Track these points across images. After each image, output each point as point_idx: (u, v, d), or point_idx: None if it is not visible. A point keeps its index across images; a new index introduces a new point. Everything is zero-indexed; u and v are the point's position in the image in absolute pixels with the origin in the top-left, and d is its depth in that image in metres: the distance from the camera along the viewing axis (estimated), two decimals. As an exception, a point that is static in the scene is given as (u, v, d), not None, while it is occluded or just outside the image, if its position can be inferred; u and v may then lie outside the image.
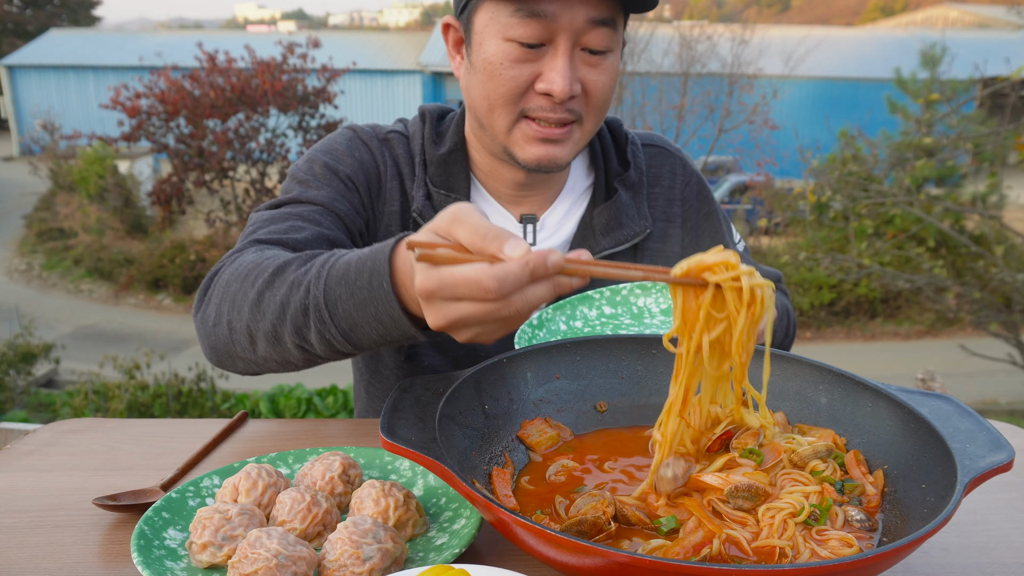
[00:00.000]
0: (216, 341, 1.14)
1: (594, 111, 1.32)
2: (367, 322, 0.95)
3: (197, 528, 0.90)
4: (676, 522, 0.87)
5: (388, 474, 1.11)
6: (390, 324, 0.94)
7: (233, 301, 1.09)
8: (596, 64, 1.27)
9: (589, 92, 1.29)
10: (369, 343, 0.99)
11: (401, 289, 0.92)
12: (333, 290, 0.97)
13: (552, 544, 0.73)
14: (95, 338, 11.52)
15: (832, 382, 1.07)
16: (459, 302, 0.80)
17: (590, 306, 1.37)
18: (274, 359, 1.09)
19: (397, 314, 0.92)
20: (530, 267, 0.77)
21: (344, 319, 0.97)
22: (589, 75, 1.27)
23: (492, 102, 1.28)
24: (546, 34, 1.22)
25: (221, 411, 7.14)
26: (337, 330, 0.98)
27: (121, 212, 15.45)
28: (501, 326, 0.84)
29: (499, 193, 1.45)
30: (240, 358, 1.13)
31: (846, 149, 9.69)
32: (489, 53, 1.25)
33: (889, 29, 31.93)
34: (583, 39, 1.24)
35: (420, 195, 1.41)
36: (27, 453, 1.22)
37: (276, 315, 1.03)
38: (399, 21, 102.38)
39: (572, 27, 1.22)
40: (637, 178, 1.51)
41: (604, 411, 1.14)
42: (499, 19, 1.23)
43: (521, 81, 1.25)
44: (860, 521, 0.89)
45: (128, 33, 29.41)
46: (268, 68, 13.28)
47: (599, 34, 1.24)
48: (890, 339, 12.66)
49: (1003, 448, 0.86)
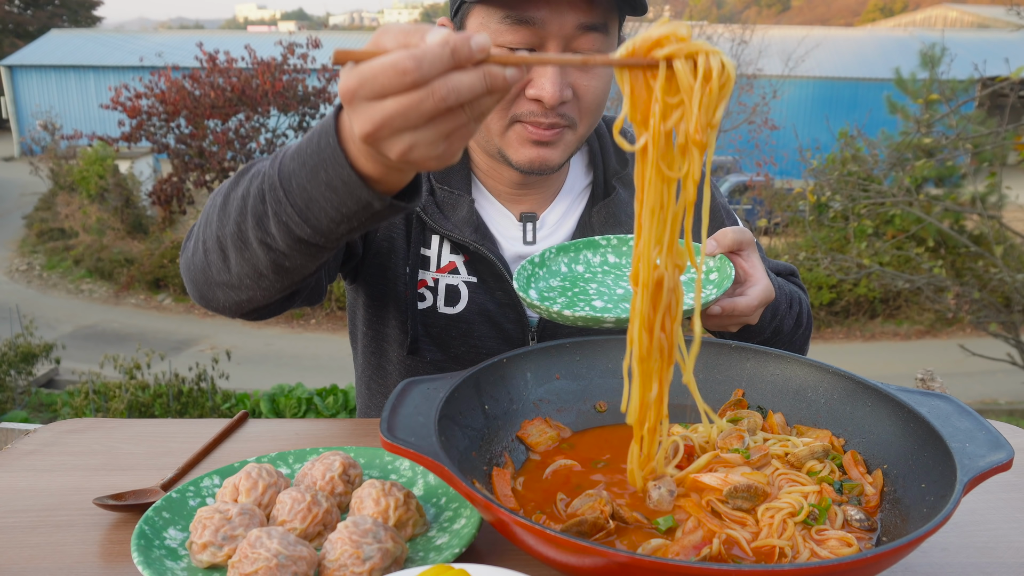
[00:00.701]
0: (195, 271, 1.11)
1: (587, 115, 1.31)
2: (320, 193, 0.89)
3: (197, 528, 0.90)
4: (673, 521, 0.88)
5: (388, 474, 1.11)
6: (343, 190, 0.87)
7: (206, 220, 1.08)
8: (587, 69, 1.27)
9: (580, 97, 1.28)
10: (327, 221, 0.91)
11: (347, 144, 0.85)
12: (286, 166, 0.93)
13: (552, 544, 0.73)
14: (95, 338, 11.51)
15: (831, 382, 1.07)
16: (382, 100, 0.73)
17: (595, 251, 1.35)
18: (247, 274, 1.04)
19: (347, 173, 0.85)
20: (451, 46, 0.71)
21: (299, 194, 0.91)
22: (580, 80, 1.27)
23: None
24: (536, 40, 1.22)
25: (221, 411, 7.13)
26: (293, 208, 0.92)
27: (121, 212, 15.45)
28: (434, 131, 0.75)
29: (498, 192, 1.46)
30: (217, 284, 1.09)
31: (846, 149, 9.68)
32: None
33: (889, 29, 31.93)
34: (573, 44, 1.23)
35: (424, 190, 1.41)
36: (27, 453, 1.22)
37: (239, 211, 0.99)
38: (399, 21, 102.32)
39: (562, 33, 1.21)
40: None
41: (604, 411, 1.14)
42: (489, 25, 1.23)
43: None
44: (859, 521, 0.89)
45: (128, 33, 29.41)
46: (268, 68, 13.29)
47: (590, 39, 1.23)
48: (890, 339, 12.65)
49: (1002, 447, 0.86)
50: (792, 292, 1.45)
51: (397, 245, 1.44)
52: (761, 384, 1.12)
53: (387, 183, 0.87)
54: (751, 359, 1.14)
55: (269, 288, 1.06)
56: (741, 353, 1.14)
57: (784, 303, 1.39)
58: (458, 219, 1.41)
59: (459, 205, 1.41)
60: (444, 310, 1.43)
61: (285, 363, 10.44)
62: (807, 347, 1.54)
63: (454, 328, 1.43)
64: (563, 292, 1.27)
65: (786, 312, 1.40)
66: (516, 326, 1.44)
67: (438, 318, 1.44)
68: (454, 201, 1.41)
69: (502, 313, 1.43)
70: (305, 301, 1.23)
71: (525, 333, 1.44)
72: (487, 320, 1.43)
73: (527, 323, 1.44)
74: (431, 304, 1.44)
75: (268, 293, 1.07)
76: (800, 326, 1.47)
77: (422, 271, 1.43)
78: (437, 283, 1.43)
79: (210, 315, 12.74)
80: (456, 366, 1.42)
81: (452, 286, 1.43)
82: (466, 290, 1.43)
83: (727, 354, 1.15)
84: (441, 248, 1.43)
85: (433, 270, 1.43)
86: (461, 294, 1.43)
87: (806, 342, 1.52)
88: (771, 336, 1.39)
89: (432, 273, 1.43)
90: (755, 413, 1.08)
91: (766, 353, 1.13)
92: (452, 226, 1.40)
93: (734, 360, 1.15)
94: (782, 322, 1.39)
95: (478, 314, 1.43)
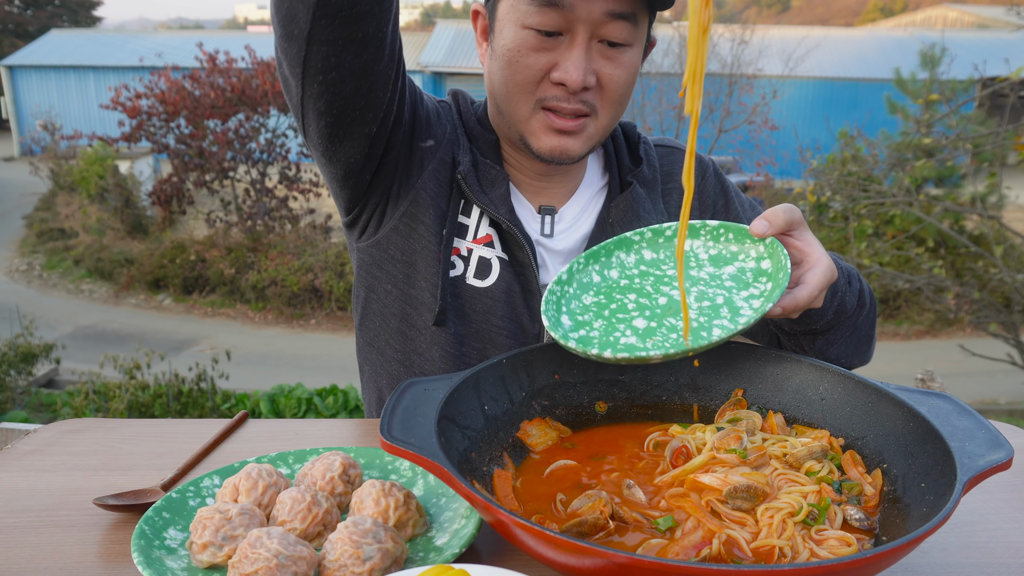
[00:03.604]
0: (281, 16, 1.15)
1: (609, 105, 1.32)
2: None
3: (197, 528, 0.90)
4: (673, 521, 0.88)
5: (388, 474, 1.11)
6: None
7: None
8: (613, 57, 1.28)
9: (604, 85, 1.29)
10: None
11: None
12: None
13: (551, 545, 0.73)
14: (95, 338, 11.52)
15: (831, 381, 1.07)
16: None
17: (628, 250, 1.20)
18: None
19: None
20: None
21: None
22: (605, 68, 1.28)
23: (510, 89, 1.30)
24: (563, 23, 1.23)
25: (221, 411, 7.14)
26: None
27: (121, 212, 15.45)
28: None
29: (519, 181, 1.46)
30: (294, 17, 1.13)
31: (846, 149, 9.68)
32: (508, 40, 1.27)
33: (889, 29, 31.93)
34: (601, 31, 1.24)
35: (467, 160, 1.41)
36: (27, 453, 1.22)
37: None
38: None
39: (590, 18, 1.22)
40: (651, 175, 1.50)
41: (604, 411, 1.14)
42: (519, 7, 1.25)
43: (537, 69, 1.27)
44: (859, 520, 0.89)
45: (128, 33, 29.41)
46: (268, 68, 13.29)
47: (617, 27, 1.24)
48: (890, 339, 12.65)
49: (1002, 447, 0.86)
50: (849, 268, 1.36)
51: (436, 202, 1.40)
52: (761, 383, 1.12)
53: None
54: (751, 359, 1.14)
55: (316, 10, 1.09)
56: (741, 353, 1.14)
57: (843, 280, 1.29)
58: (496, 195, 1.41)
59: (497, 181, 1.41)
60: (472, 282, 1.41)
61: (285, 363, 10.45)
62: (874, 333, 1.43)
63: (479, 302, 1.41)
64: (599, 312, 1.11)
65: (846, 289, 1.30)
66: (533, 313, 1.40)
67: (465, 288, 1.41)
68: (493, 177, 1.41)
69: (524, 298, 1.40)
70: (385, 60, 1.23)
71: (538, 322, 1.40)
72: (509, 301, 1.40)
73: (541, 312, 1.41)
74: (461, 273, 1.41)
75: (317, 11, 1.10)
76: (864, 306, 1.36)
77: (457, 239, 1.41)
78: (471, 253, 1.41)
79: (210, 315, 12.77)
80: (475, 342, 1.40)
81: (485, 259, 1.41)
82: (498, 265, 1.41)
83: (727, 354, 1.15)
84: (480, 220, 1.42)
85: (469, 239, 1.41)
86: (492, 268, 1.41)
87: (872, 326, 1.41)
88: (834, 317, 1.29)
89: (468, 242, 1.41)
90: (754, 413, 1.08)
91: (766, 353, 1.13)
92: (489, 200, 1.40)
93: (734, 360, 1.15)
94: (844, 300, 1.29)
95: (505, 292, 1.40)
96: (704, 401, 1.15)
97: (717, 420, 1.10)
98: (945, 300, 8.44)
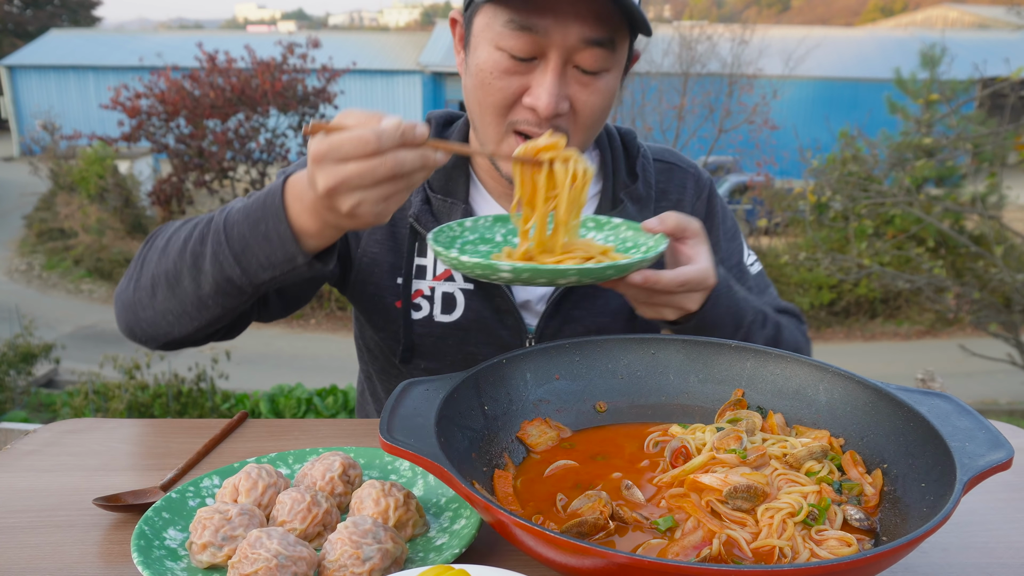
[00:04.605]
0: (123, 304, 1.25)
1: (581, 130, 1.29)
2: (257, 241, 1.07)
3: (197, 528, 0.90)
4: (673, 522, 0.88)
5: (388, 474, 1.11)
6: (276, 242, 1.06)
7: (142, 260, 1.24)
8: (588, 84, 1.25)
9: (577, 111, 1.26)
10: (257, 266, 1.08)
11: (290, 204, 1.04)
12: (232, 216, 1.10)
13: (551, 545, 0.73)
14: (95, 338, 11.51)
15: (831, 381, 1.07)
16: (345, 163, 0.93)
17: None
18: (170, 310, 1.18)
19: (284, 228, 1.04)
20: (402, 129, 0.93)
21: (238, 240, 1.08)
22: (579, 94, 1.25)
23: (483, 109, 1.28)
24: (537, 49, 1.20)
25: (221, 411, 7.14)
26: (230, 251, 1.09)
27: (121, 212, 15.45)
28: (380, 192, 0.95)
29: (499, 193, 1.45)
30: (142, 318, 1.23)
31: (846, 149, 9.69)
32: (481, 60, 1.25)
33: (889, 29, 31.93)
34: (576, 57, 1.22)
35: (418, 200, 1.41)
36: (27, 453, 1.22)
37: (178, 251, 1.15)
38: (399, 21, 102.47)
39: (564, 44, 1.19)
40: (645, 192, 1.48)
41: (604, 411, 1.14)
42: (494, 27, 1.22)
43: (509, 93, 1.24)
44: (859, 520, 0.89)
45: (128, 33, 29.41)
46: (268, 68, 13.29)
47: (593, 54, 1.21)
48: (890, 339, 12.66)
49: (1002, 447, 0.86)
50: (770, 314, 1.39)
51: (380, 259, 1.43)
52: (761, 384, 1.12)
53: (318, 239, 1.06)
54: (751, 359, 1.14)
55: (187, 325, 1.20)
56: (741, 353, 1.14)
57: (752, 315, 1.32)
58: None
59: (453, 212, 1.40)
60: (440, 318, 1.42)
61: (285, 363, 10.45)
62: None
63: (450, 336, 1.43)
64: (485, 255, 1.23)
65: (757, 329, 1.33)
66: (513, 332, 1.42)
67: (434, 327, 1.43)
68: (448, 209, 1.41)
69: (499, 320, 1.42)
70: (222, 338, 1.31)
71: (523, 339, 1.42)
72: (484, 328, 1.42)
73: (524, 329, 1.42)
74: (427, 313, 1.43)
75: (185, 329, 1.21)
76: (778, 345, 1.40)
77: (418, 281, 1.43)
78: (433, 291, 1.43)
79: (210, 315, 12.73)
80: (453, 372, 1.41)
81: (448, 294, 1.42)
82: (463, 297, 1.42)
83: (727, 354, 1.15)
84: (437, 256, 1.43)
85: (429, 278, 1.43)
86: (457, 301, 1.42)
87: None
88: None
89: (428, 282, 1.43)
90: (754, 413, 1.08)
91: (766, 353, 1.13)
92: None
93: (734, 360, 1.15)
94: (750, 333, 1.32)
95: (475, 321, 1.42)
96: (704, 401, 1.15)
97: (717, 420, 1.10)
98: (945, 300, 8.45)
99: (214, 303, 1.15)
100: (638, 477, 0.99)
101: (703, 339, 1.16)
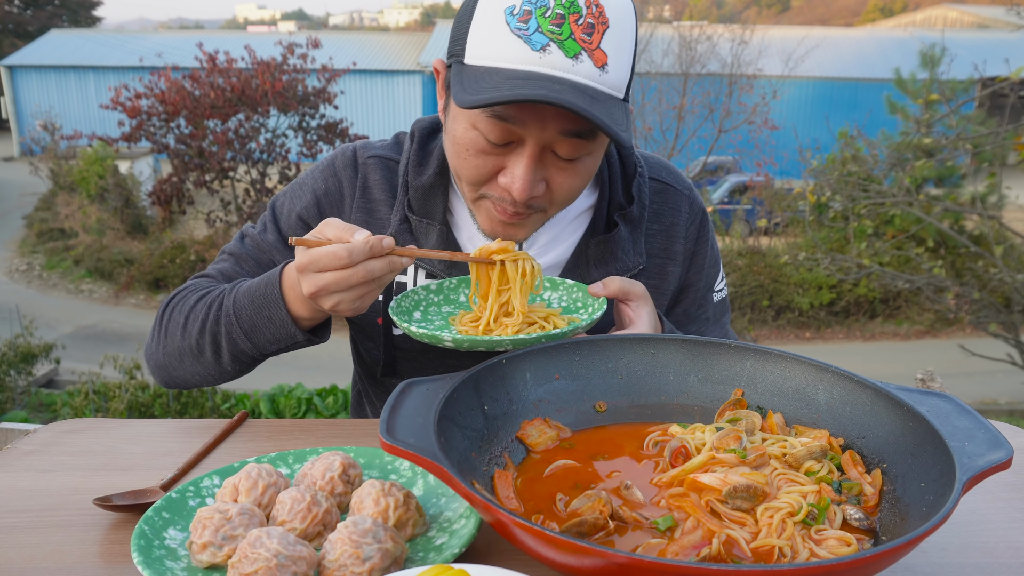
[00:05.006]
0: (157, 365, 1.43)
1: (558, 205, 1.29)
2: (263, 323, 1.27)
3: (197, 528, 0.90)
4: (673, 521, 0.88)
5: (388, 474, 1.11)
6: (279, 324, 1.26)
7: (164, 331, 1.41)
8: (565, 168, 1.23)
9: (553, 191, 1.25)
10: (264, 342, 1.29)
11: (287, 293, 1.24)
12: (239, 299, 1.29)
13: (551, 545, 0.73)
14: (95, 338, 11.52)
15: (831, 381, 1.07)
16: (323, 272, 1.10)
17: None
18: (196, 372, 1.38)
19: (283, 314, 1.25)
20: (369, 244, 1.09)
21: (247, 322, 1.28)
22: (556, 176, 1.23)
23: (457, 173, 1.29)
24: (514, 136, 1.18)
25: (221, 411, 7.14)
26: (241, 330, 1.29)
27: (121, 212, 15.46)
28: (354, 294, 1.12)
29: None
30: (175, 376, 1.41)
31: (846, 149, 9.69)
32: (458, 134, 1.22)
33: (888, 29, 31.93)
34: (555, 147, 1.19)
35: (396, 219, 1.42)
36: (27, 453, 1.22)
37: (198, 331, 1.34)
38: (399, 21, 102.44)
39: (542, 137, 1.17)
40: (639, 213, 1.46)
41: (603, 411, 1.14)
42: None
43: (484, 171, 1.23)
44: (858, 520, 0.89)
45: (128, 33, 29.41)
46: (268, 68, 13.28)
47: (571, 144, 1.19)
48: (890, 339, 12.66)
49: (1002, 446, 0.86)
50: None
51: None
52: (761, 383, 1.12)
53: (311, 321, 1.27)
54: (751, 359, 1.14)
55: (216, 380, 1.41)
56: (741, 353, 1.14)
57: None
58: (429, 246, 1.41)
59: (430, 233, 1.40)
60: None
61: (285, 363, 10.40)
62: None
63: (430, 351, 1.43)
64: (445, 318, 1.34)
65: None
66: None
67: (414, 342, 1.44)
68: (425, 229, 1.41)
69: None
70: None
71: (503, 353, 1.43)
72: None
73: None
74: None
75: (215, 381, 1.42)
76: None
77: None
78: None
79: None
80: None
81: None
82: None
83: (727, 354, 1.15)
84: (416, 274, 1.44)
85: None
86: None
87: None
88: None
89: None
90: (754, 413, 1.08)
91: (766, 353, 1.13)
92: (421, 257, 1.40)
93: (734, 360, 1.15)
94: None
95: None
96: (704, 401, 1.15)
97: (717, 420, 1.10)
98: (945, 300, 8.45)
99: (233, 369, 1.36)
100: (638, 477, 0.99)
101: (703, 339, 1.16)
